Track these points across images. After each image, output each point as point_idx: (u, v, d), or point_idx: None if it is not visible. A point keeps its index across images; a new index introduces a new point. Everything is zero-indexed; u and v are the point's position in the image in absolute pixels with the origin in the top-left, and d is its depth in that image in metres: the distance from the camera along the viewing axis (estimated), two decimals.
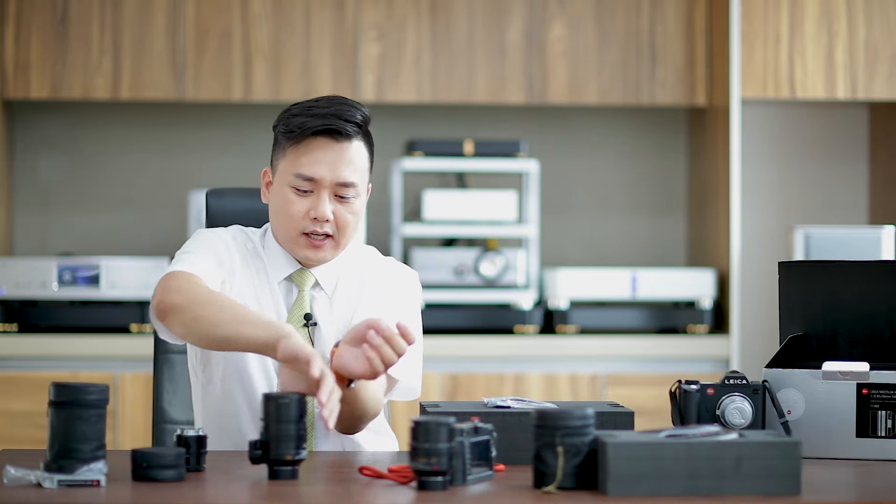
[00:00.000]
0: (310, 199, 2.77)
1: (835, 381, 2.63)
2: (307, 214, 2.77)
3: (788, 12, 5.06)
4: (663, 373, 4.95)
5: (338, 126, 2.75)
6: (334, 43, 5.14)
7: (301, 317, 2.80)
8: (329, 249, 2.80)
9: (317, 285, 2.84)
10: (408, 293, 2.88)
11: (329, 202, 2.76)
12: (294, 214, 2.77)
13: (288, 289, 2.84)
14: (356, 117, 2.78)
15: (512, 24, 5.20)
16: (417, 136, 5.39)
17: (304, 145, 2.76)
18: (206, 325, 2.59)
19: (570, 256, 5.51)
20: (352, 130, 2.77)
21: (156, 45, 5.11)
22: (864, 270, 2.72)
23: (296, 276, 2.83)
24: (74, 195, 5.41)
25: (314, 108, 2.77)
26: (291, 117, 2.78)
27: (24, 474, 2.23)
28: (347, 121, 2.76)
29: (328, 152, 2.76)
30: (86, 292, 4.93)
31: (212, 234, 2.84)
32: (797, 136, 5.56)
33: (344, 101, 2.80)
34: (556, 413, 2.22)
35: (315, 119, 2.75)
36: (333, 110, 2.76)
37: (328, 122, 2.75)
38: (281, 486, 2.34)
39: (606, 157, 5.55)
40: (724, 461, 2.19)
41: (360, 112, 2.79)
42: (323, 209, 2.76)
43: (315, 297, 2.83)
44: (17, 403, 4.80)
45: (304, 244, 2.79)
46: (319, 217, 2.76)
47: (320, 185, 2.76)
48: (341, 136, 2.76)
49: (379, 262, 2.91)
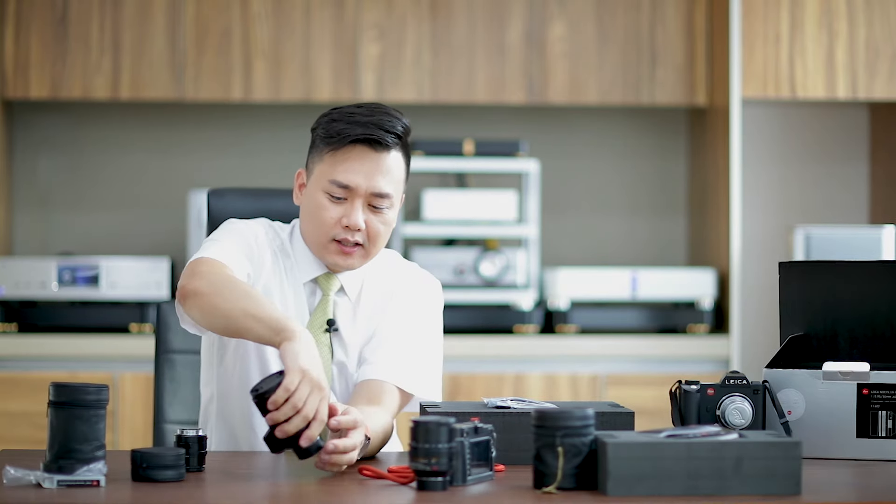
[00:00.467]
0: (343, 207, 2.75)
1: (835, 382, 2.63)
2: (339, 222, 2.75)
3: (789, 12, 5.06)
4: (663, 373, 4.95)
5: (377, 136, 2.74)
6: (334, 43, 5.14)
7: (324, 322, 2.79)
8: (358, 258, 2.79)
9: (341, 290, 2.83)
10: (432, 305, 2.87)
11: (362, 211, 2.75)
12: (326, 220, 2.75)
13: (312, 290, 2.82)
14: (396, 128, 2.77)
15: (512, 24, 5.20)
16: (417, 135, 5.39)
17: (342, 153, 2.74)
18: (221, 315, 2.57)
19: (570, 256, 5.51)
20: (391, 141, 2.76)
21: (156, 44, 5.11)
22: (865, 270, 2.72)
23: (322, 279, 2.82)
24: (74, 195, 5.41)
25: (355, 115, 2.75)
26: (331, 122, 2.76)
27: (24, 474, 2.23)
28: (388, 131, 2.75)
29: (365, 161, 2.75)
30: (85, 292, 4.93)
31: (244, 226, 2.82)
32: (797, 136, 5.56)
33: (386, 110, 2.78)
34: (556, 413, 2.21)
35: (355, 127, 2.74)
36: (374, 119, 2.75)
37: (368, 132, 2.73)
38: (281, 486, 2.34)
39: (606, 157, 5.55)
40: (725, 461, 2.19)
41: (400, 123, 2.78)
42: (356, 218, 2.74)
43: (338, 303, 2.82)
44: (16, 403, 4.80)
45: (333, 251, 2.77)
46: (352, 226, 2.74)
47: (355, 193, 2.74)
48: (380, 145, 2.75)
49: (404, 271, 2.90)
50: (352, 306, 2.83)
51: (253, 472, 2.47)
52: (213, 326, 2.61)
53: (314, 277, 2.82)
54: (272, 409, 2.35)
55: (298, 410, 2.35)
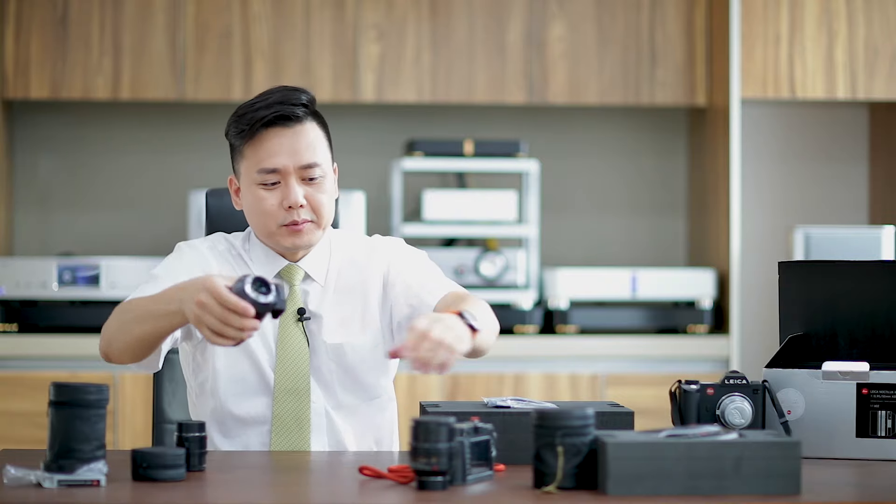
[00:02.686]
0: (279, 191, 2.76)
1: (835, 381, 2.63)
2: (280, 206, 2.76)
3: (788, 12, 5.06)
4: (663, 373, 4.95)
5: (285, 112, 2.76)
6: (334, 43, 5.14)
7: (293, 311, 2.80)
8: (311, 232, 2.79)
9: (307, 278, 2.83)
10: (419, 258, 2.89)
11: (299, 187, 2.76)
12: (268, 210, 2.76)
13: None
14: (301, 99, 2.78)
15: (512, 24, 5.20)
16: (417, 136, 5.39)
17: (258, 140, 2.76)
18: (133, 342, 2.60)
19: (570, 256, 5.51)
20: (301, 112, 2.77)
21: (156, 45, 5.11)
22: (864, 270, 2.72)
23: (284, 272, 2.82)
24: (74, 195, 5.41)
25: (257, 103, 2.78)
26: (239, 118, 2.79)
27: (24, 474, 2.23)
28: (294, 104, 2.77)
29: (283, 139, 2.76)
30: (86, 292, 4.93)
31: (187, 249, 2.84)
32: (797, 136, 5.56)
33: (286, 87, 2.80)
34: (556, 413, 2.22)
35: (261, 111, 2.75)
36: (277, 97, 2.77)
37: (275, 111, 2.75)
38: (281, 486, 2.34)
39: (606, 157, 5.55)
40: (724, 461, 2.19)
41: (304, 94, 2.79)
42: (294, 196, 2.75)
43: (309, 291, 2.82)
44: (17, 403, 4.80)
45: (285, 234, 2.77)
46: (293, 205, 2.75)
47: (285, 173, 2.75)
48: (291, 120, 2.76)
49: (368, 242, 2.90)
50: (322, 290, 2.83)
51: (253, 472, 2.47)
52: (126, 346, 2.62)
53: (276, 273, 2.82)
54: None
55: (226, 323, 2.38)
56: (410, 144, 5.14)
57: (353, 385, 2.81)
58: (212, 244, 2.86)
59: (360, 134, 5.44)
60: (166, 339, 2.65)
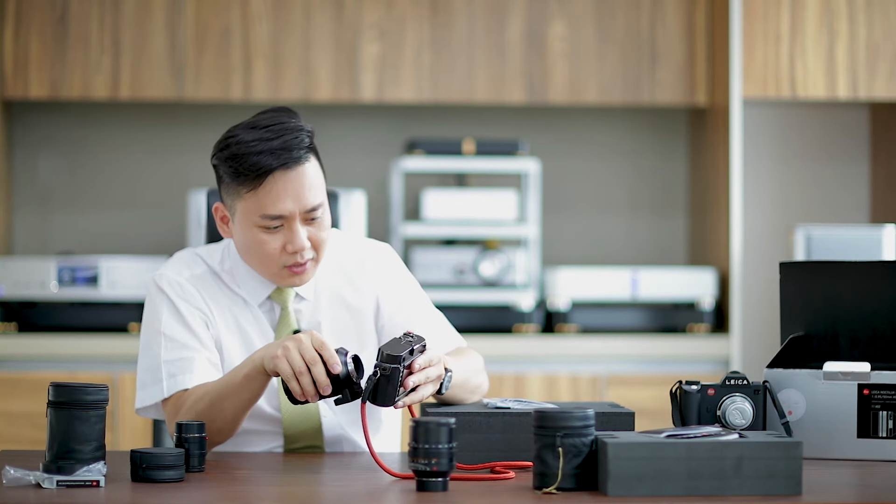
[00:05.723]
0: (282, 234, 2.69)
1: (836, 382, 2.63)
2: (284, 249, 2.70)
3: (789, 12, 5.06)
4: (664, 373, 4.94)
5: (291, 158, 2.65)
6: (334, 43, 5.14)
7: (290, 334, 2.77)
8: (311, 269, 2.75)
9: (298, 297, 2.80)
10: (404, 269, 2.90)
11: (302, 229, 2.69)
12: (271, 253, 2.70)
13: (270, 308, 2.80)
14: (304, 142, 2.67)
15: (512, 24, 5.20)
16: (417, 135, 5.38)
17: (263, 187, 2.65)
18: (220, 416, 2.59)
19: (571, 256, 5.51)
20: (303, 156, 2.67)
21: (156, 44, 5.11)
22: (865, 270, 2.72)
23: (275, 295, 2.79)
24: (74, 195, 5.41)
25: (254, 143, 2.64)
26: (235, 158, 2.65)
27: (24, 475, 2.23)
28: (298, 148, 2.66)
29: (287, 184, 2.65)
30: (85, 292, 4.92)
31: (169, 291, 2.75)
32: (798, 135, 5.55)
33: (284, 125, 2.67)
34: (557, 413, 2.21)
35: (264, 157, 2.63)
36: (280, 143, 2.65)
37: (282, 160, 2.64)
38: (281, 486, 2.34)
39: (606, 157, 5.55)
40: (725, 461, 2.19)
41: (304, 132, 2.68)
42: (300, 241, 2.69)
43: (301, 311, 2.80)
44: (16, 403, 4.80)
45: (287, 275, 2.73)
46: (298, 249, 2.69)
47: (290, 218, 2.68)
48: (296, 164, 2.66)
49: (354, 248, 2.88)
50: (314, 305, 2.80)
51: (253, 472, 2.46)
52: (225, 425, 2.61)
53: (267, 296, 2.78)
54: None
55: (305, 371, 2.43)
56: (410, 144, 5.14)
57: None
58: (189, 272, 2.79)
59: (360, 134, 5.43)
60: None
